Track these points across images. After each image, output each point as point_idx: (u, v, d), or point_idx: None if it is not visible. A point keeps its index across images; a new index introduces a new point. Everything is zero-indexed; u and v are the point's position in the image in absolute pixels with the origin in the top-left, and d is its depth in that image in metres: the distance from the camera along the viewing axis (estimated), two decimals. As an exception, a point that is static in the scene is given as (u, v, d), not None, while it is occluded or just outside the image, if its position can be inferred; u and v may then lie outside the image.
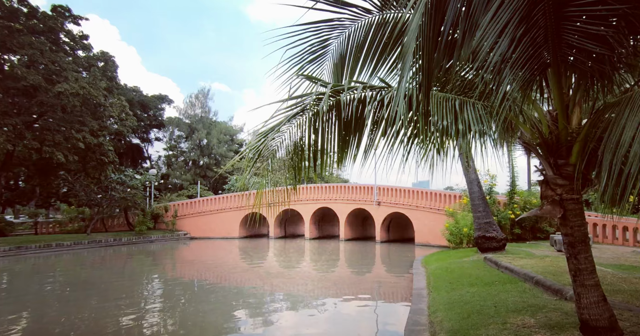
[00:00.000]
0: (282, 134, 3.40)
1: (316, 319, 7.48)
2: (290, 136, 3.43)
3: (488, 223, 11.64)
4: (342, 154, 3.57)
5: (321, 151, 3.56)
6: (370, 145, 3.59)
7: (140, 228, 25.50)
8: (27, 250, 18.80)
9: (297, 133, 3.42)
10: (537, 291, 5.76)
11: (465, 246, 15.63)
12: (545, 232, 16.74)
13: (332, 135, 3.50)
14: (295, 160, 3.50)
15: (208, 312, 7.84)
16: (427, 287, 7.95)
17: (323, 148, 3.54)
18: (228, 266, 15.67)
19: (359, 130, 3.52)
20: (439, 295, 6.62)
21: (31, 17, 19.79)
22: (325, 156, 3.59)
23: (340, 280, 12.30)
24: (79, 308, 8.38)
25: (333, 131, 3.49)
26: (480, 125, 3.14)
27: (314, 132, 3.41)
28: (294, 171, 3.54)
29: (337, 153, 3.57)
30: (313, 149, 3.51)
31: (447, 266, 9.70)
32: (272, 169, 3.42)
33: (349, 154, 3.61)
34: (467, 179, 12.17)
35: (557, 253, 10.69)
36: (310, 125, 3.38)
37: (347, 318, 7.55)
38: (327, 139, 3.51)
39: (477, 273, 7.99)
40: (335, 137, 3.51)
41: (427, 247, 19.92)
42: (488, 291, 6.20)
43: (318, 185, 26.83)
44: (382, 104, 3.39)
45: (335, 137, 3.51)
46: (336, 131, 3.48)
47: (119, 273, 13.94)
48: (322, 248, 21.53)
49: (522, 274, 6.73)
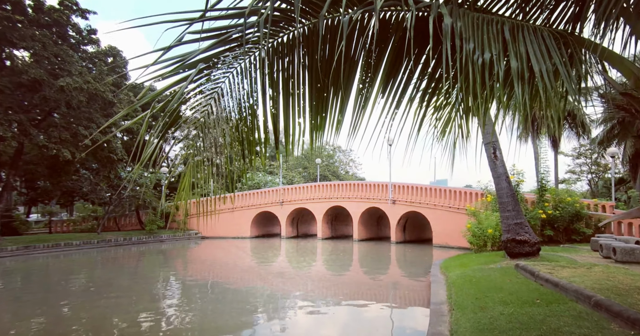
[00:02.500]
0: (217, 86, 2.18)
1: (327, 324, 7.25)
2: (230, 90, 2.20)
3: (519, 224, 10.06)
4: (317, 119, 2.31)
5: (285, 115, 2.31)
6: (361, 106, 2.32)
7: (150, 227, 25.05)
8: (35, 250, 18.48)
9: (241, 85, 2.19)
10: (600, 318, 4.32)
11: (489, 250, 14.07)
12: (581, 234, 14.93)
13: (300, 89, 2.25)
14: (242, 130, 2.28)
15: (222, 313, 7.86)
16: (447, 302, 6.57)
17: (288, 110, 2.29)
18: (238, 266, 15.36)
19: (344, 81, 2.25)
20: (464, 316, 5.26)
21: (36, 9, 19.39)
22: (292, 123, 2.34)
23: (353, 283, 11.56)
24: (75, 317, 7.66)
25: (302, 82, 2.24)
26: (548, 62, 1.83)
27: (271, 84, 2.18)
28: (240, 147, 2.32)
29: (310, 119, 2.33)
30: (273, 111, 2.27)
31: (472, 275, 8.25)
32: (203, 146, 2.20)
33: (330, 120, 2.36)
34: (494, 174, 10.60)
35: (604, 260, 9.04)
36: (262, 72, 2.14)
37: (360, 325, 7.25)
38: (293, 97, 2.26)
39: (510, 286, 6.55)
40: (305, 92, 2.26)
41: (446, 249, 18.68)
42: (529, 314, 4.80)
43: (330, 183, 25.73)
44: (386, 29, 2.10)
45: (305, 93, 2.26)
46: (307, 83, 2.23)
47: (126, 274, 13.34)
48: (334, 249, 20.44)
49: (573, 292, 5.28)
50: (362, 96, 2.31)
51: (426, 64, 2.27)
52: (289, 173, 43.37)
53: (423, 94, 2.35)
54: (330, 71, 2.16)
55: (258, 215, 27.17)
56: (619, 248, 8.27)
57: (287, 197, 26.52)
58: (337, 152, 51.41)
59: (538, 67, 1.90)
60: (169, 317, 7.61)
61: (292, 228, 27.64)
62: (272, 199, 26.88)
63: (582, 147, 34.46)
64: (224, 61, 2.02)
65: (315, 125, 2.33)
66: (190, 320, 7.42)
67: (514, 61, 1.89)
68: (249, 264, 15.92)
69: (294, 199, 26.26)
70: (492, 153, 10.44)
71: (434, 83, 2.34)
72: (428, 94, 2.32)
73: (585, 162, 36.61)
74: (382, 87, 2.29)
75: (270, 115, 2.28)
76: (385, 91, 2.32)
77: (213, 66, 2.01)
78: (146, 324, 7.07)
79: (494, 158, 10.46)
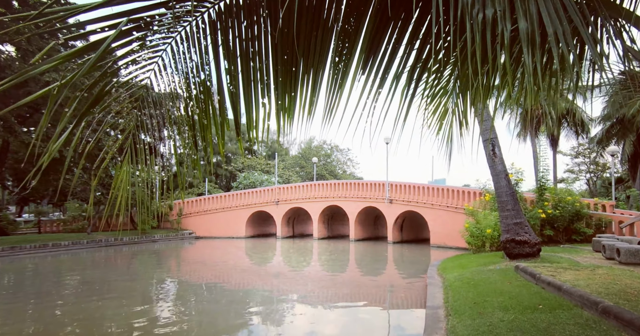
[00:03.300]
0: (156, 56, 1.79)
1: (322, 327, 6.97)
2: (175, 61, 1.81)
3: (519, 223, 9.70)
4: (286, 99, 1.92)
5: (246, 93, 1.92)
6: (338, 84, 1.93)
7: (143, 227, 24.55)
8: (22, 251, 17.98)
9: (187, 55, 1.80)
10: (609, 327, 3.94)
11: (488, 250, 13.73)
12: (582, 234, 14.60)
13: (264, 61, 1.86)
14: (193, 111, 1.89)
15: (217, 315, 7.62)
16: (444, 306, 6.21)
17: (250, 88, 1.90)
18: (234, 266, 15.04)
19: (315, 52, 1.86)
20: (461, 322, 4.89)
21: (22, 2, 18.95)
22: (254, 103, 1.94)
23: (349, 284, 11.18)
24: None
25: (265, 54, 1.84)
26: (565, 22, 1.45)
27: (227, 55, 1.79)
28: (191, 132, 1.93)
29: (277, 99, 1.94)
30: (231, 89, 1.88)
31: (470, 277, 7.89)
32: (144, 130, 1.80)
33: (301, 101, 1.97)
34: (493, 172, 10.23)
35: (607, 261, 8.69)
36: (214, 39, 1.75)
37: (355, 328, 7.01)
38: (255, 71, 1.87)
39: (510, 290, 6.18)
40: (270, 65, 1.87)
41: (444, 249, 18.39)
42: (531, 321, 4.43)
43: (326, 182, 25.36)
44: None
45: (270, 67, 1.87)
46: (271, 54, 1.84)
47: (117, 275, 12.89)
48: (330, 249, 20.10)
49: (577, 297, 4.91)
50: (338, 72, 1.92)
51: (415, 32, 1.88)
52: (285, 172, 42.96)
53: (412, 70, 1.96)
54: (300, 39, 1.78)
55: (253, 215, 26.79)
56: (623, 249, 7.92)
57: (283, 196, 26.12)
58: (335, 152, 51.08)
59: (552, 28, 1.52)
60: (162, 321, 7.23)
61: (288, 227, 27.27)
62: (268, 198, 26.48)
63: (581, 146, 34.23)
64: (162, 22, 1.63)
65: (283, 106, 1.94)
66: (185, 322, 7.13)
67: (523, 21, 1.52)
68: (244, 265, 15.58)
69: (289, 199, 25.87)
70: (490, 150, 10.08)
71: (425, 56, 1.95)
72: (418, 69, 1.93)
73: (583, 162, 36.39)
74: (362, 60, 1.90)
75: (228, 93, 1.89)
76: (366, 66, 1.93)
77: (146, 27, 1.61)
78: (138, 332, 6.68)
79: (492, 155, 10.10)
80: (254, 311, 8.19)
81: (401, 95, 2.00)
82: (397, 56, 1.94)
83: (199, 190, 39.21)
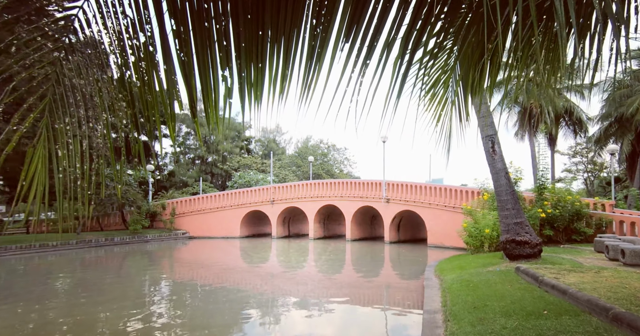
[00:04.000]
0: (74, 6, 1.41)
1: (318, 329, 6.77)
2: (102, 16, 1.44)
3: (519, 223, 9.38)
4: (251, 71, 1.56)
5: (202, 63, 1.55)
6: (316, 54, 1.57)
7: (134, 227, 24.10)
8: (7, 251, 17.46)
9: (119, 8, 1.43)
10: None
11: (486, 250, 13.41)
12: (582, 234, 14.32)
13: (222, 21, 1.49)
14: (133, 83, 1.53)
15: (212, 316, 7.40)
16: (442, 310, 5.86)
17: (205, 55, 1.54)
18: (228, 267, 14.68)
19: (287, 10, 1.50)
20: (460, 329, 4.54)
21: (10, -2, 18.44)
22: (212, 75, 1.58)
23: (345, 285, 10.82)
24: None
25: (223, 11, 1.48)
26: None
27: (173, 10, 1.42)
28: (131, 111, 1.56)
29: (240, 70, 1.58)
30: (182, 57, 1.51)
31: (469, 279, 7.55)
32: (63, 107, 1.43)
33: (271, 75, 1.60)
34: (492, 169, 9.90)
35: (611, 262, 8.38)
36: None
37: (352, 331, 6.81)
38: (211, 34, 1.50)
39: (512, 293, 5.84)
40: (230, 27, 1.51)
41: (442, 249, 18.10)
42: (537, 328, 4.09)
43: (322, 181, 25.01)
44: None
45: (230, 29, 1.51)
46: (230, 12, 1.48)
47: (106, 277, 12.40)
48: (326, 249, 19.77)
49: (585, 301, 4.58)
50: (316, 38, 1.57)
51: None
52: (281, 171, 42.55)
53: (407, 35, 1.60)
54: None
55: (248, 214, 26.39)
56: (628, 250, 7.61)
57: (278, 196, 25.74)
58: (332, 151, 50.74)
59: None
60: (157, 322, 6.89)
61: (283, 227, 26.89)
62: (263, 198, 26.09)
63: (579, 145, 34.08)
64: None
65: (249, 80, 1.58)
66: (178, 326, 6.76)
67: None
68: (239, 265, 15.23)
69: (285, 198, 25.48)
70: (490, 147, 9.76)
71: (421, 22, 1.60)
72: (415, 33, 1.57)
73: (581, 161, 36.25)
74: (346, 24, 1.55)
75: (179, 62, 1.52)
76: (350, 32, 1.58)
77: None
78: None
79: (492, 153, 9.77)
80: (247, 313, 7.88)
81: (393, 67, 1.64)
82: (388, 18, 1.58)
83: (194, 189, 38.75)
